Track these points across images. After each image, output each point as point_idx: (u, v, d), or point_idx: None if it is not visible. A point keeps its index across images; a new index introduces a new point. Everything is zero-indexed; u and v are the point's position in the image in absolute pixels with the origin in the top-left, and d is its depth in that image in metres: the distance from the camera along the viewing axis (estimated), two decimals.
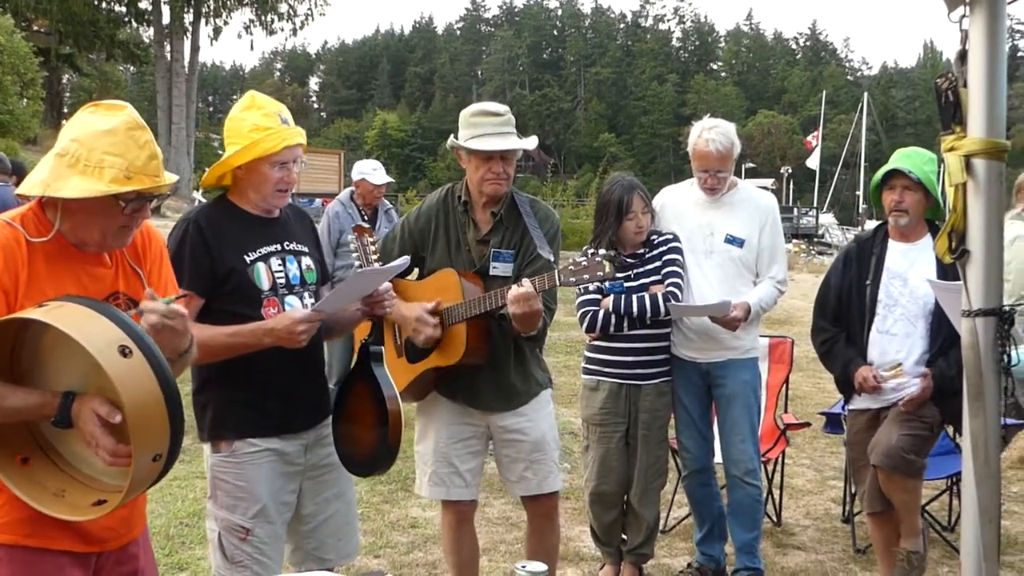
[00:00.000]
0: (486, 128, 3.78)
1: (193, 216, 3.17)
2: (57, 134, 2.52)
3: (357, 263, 3.41)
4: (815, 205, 59.90)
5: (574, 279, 3.47)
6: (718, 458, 4.94)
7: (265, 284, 3.16)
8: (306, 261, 3.31)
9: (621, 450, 4.68)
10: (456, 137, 3.87)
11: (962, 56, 2.20)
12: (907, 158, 4.19)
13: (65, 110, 53.12)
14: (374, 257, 3.37)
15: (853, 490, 5.17)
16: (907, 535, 4.33)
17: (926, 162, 4.15)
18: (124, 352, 2.11)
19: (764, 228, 4.67)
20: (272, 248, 3.22)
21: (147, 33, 43.77)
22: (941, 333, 4.00)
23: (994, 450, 2.23)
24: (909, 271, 4.17)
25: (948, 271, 3.94)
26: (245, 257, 3.14)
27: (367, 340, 3.37)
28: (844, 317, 4.32)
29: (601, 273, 3.43)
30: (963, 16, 2.18)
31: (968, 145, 2.18)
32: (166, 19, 40.14)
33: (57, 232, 2.38)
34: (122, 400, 2.09)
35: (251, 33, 42.70)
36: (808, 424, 6.38)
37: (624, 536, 4.86)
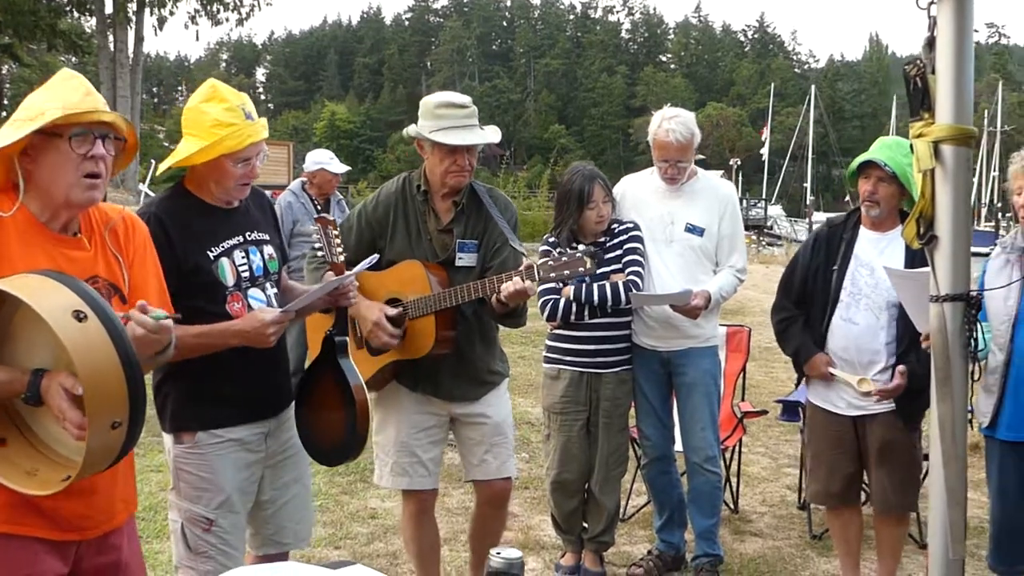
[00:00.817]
0: (451, 121, 3.75)
1: (153, 210, 3.07)
2: None
3: (320, 253, 3.39)
4: (764, 197, 60.57)
5: (554, 274, 3.49)
6: (678, 446, 4.97)
7: (230, 280, 3.11)
8: (268, 250, 3.26)
9: (582, 438, 4.68)
10: (416, 125, 3.83)
11: (930, 43, 2.21)
12: (886, 148, 4.16)
13: (5, 101, 52.07)
14: (339, 249, 3.35)
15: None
16: None
17: (905, 154, 4.04)
18: (79, 317, 2.08)
19: (724, 217, 4.69)
20: (235, 241, 3.16)
21: (89, 23, 42.96)
22: (909, 327, 3.93)
23: (961, 433, 2.26)
24: (877, 261, 4.15)
25: (916, 263, 3.96)
26: (209, 253, 3.08)
27: (332, 331, 3.34)
28: (808, 300, 4.33)
29: (582, 268, 3.44)
30: (931, 3, 2.20)
31: (936, 131, 2.20)
32: (109, 8, 39.37)
33: (22, 205, 2.37)
34: (74, 363, 2.06)
35: (196, 23, 42.02)
36: (765, 412, 6.44)
37: (585, 524, 4.87)
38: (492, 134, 3.85)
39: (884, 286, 4.09)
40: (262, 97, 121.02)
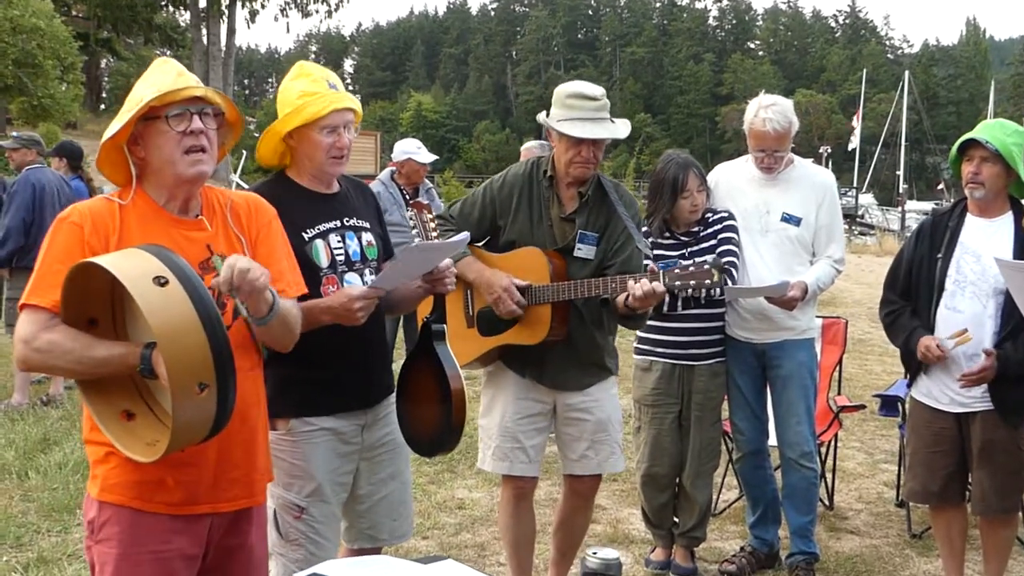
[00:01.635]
0: (580, 112, 3.74)
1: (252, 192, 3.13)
2: (97, 118, 2.62)
3: (417, 239, 3.37)
4: (855, 185, 59.17)
5: (679, 283, 3.44)
6: (771, 440, 4.85)
7: (324, 262, 3.12)
8: (367, 237, 3.26)
9: (674, 431, 4.61)
10: (548, 114, 3.85)
11: None
12: (988, 129, 4.01)
13: (104, 94, 53.57)
14: (434, 234, 3.32)
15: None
16: None
17: (1010, 134, 3.95)
18: (160, 282, 2.13)
19: (822, 206, 4.56)
20: (331, 224, 3.18)
21: (184, 17, 43.95)
22: (1014, 315, 3.79)
23: None
24: (984, 248, 3.98)
25: None
26: (303, 235, 3.10)
27: (429, 318, 3.32)
28: (913, 291, 4.18)
29: (708, 281, 3.40)
30: None
31: None
32: (203, 2, 40.27)
33: (141, 191, 2.51)
34: (150, 325, 2.10)
35: (287, 15, 43.02)
36: (863, 407, 6.26)
37: (676, 519, 4.79)
38: (622, 128, 3.83)
39: (991, 273, 3.92)
40: (350, 88, 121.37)
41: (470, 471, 6.23)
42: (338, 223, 3.19)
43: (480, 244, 4.01)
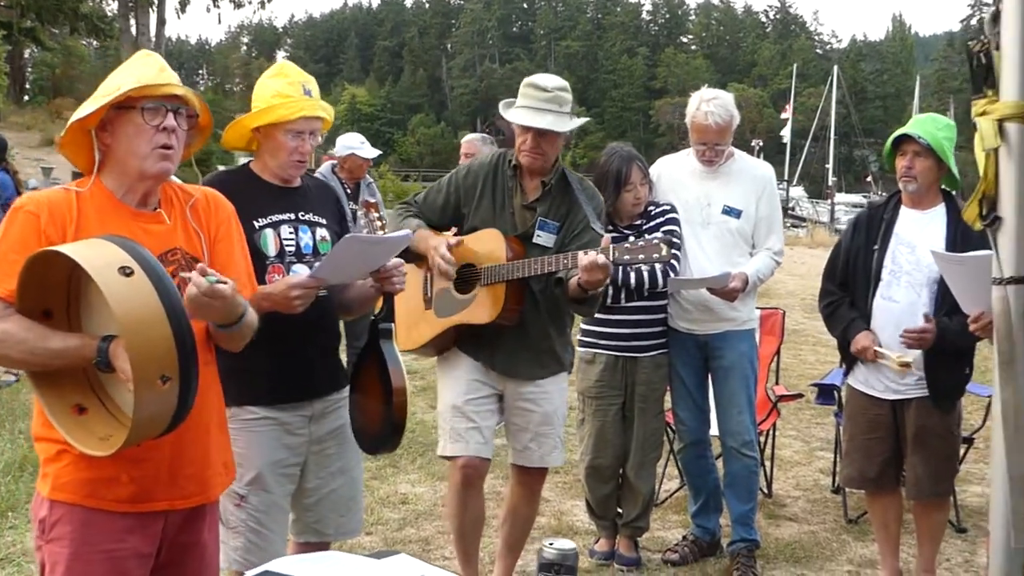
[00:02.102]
0: (529, 101, 3.82)
1: (207, 180, 3.14)
2: (20, 110, 2.58)
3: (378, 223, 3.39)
4: (785, 178, 60.05)
5: (628, 257, 3.47)
6: (713, 430, 4.91)
7: (271, 251, 3.14)
8: (321, 232, 3.26)
9: (617, 423, 4.65)
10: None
11: (995, 17, 2.13)
12: (920, 124, 4.14)
13: (28, 85, 52.23)
14: (381, 233, 3.32)
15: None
16: (924, 570, 4.36)
17: (941, 128, 4.08)
18: (125, 272, 2.12)
19: (761, 198, 4.63)
20: (285, 216, 3.19)
21: (111, 6, 42.99)
22: (947, 302, 3.91)
23: None
24: (918, 239, 4.11)
25: (957, 243, 3.92)
26: (254, 223, 3.10)
27: (377, 315, 3.31)
28: (851, 282, 4.28)
29: (656, 255, 3.42)
30: None
31: (1001, 109, 2.12)
32: None
33: (99, 182, 2.47)
34: (115, 315, 2.08)
35: (218, 6, 41.94)
36: (801, 396, 6.37)
37: (619, 509, 4.83)
38: (569, 123, 3.87)
39: (925, 263, 4.04)
40: None
41: (413, 466, 6.21)
42: (292, 216, 3.21)
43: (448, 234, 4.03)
